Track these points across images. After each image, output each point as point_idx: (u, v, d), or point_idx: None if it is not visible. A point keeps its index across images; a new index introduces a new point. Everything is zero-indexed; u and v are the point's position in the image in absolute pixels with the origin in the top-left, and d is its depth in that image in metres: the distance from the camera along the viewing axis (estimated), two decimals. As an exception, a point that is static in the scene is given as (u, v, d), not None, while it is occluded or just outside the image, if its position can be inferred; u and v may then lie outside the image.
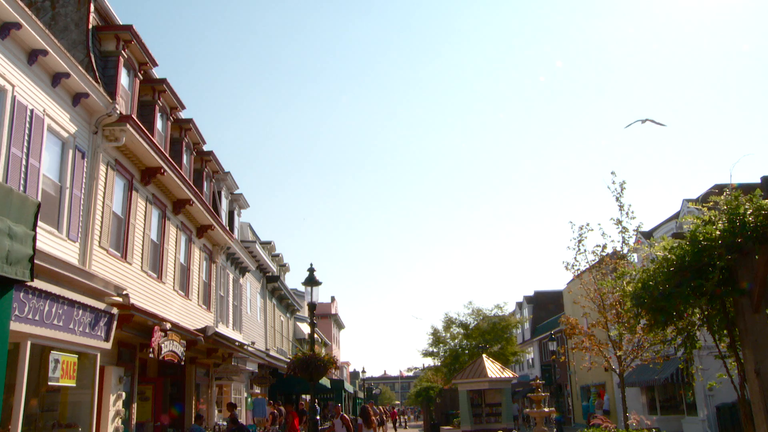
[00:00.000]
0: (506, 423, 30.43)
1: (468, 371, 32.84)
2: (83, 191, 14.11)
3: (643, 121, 13.72)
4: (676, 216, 31.42)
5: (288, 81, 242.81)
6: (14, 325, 9.98)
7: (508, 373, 32.71)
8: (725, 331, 7.94)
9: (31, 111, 12.08)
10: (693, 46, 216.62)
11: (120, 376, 15.23)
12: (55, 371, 11.90)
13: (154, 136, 17.52)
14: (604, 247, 16.50)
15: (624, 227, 16.19)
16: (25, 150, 11.77)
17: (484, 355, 33.66)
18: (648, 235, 27.75)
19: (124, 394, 15.47)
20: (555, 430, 27.73)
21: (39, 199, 11.68)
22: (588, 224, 16.92)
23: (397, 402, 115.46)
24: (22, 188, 11.52)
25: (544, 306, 56.81)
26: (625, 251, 16.38)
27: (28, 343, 10.93)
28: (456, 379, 33.58)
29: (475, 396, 32.31)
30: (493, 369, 32.09)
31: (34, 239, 4.25)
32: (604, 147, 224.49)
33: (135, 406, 16.68)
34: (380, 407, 57.01)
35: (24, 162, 11.71)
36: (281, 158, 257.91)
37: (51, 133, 12.92)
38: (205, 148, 23.78)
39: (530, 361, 57.63)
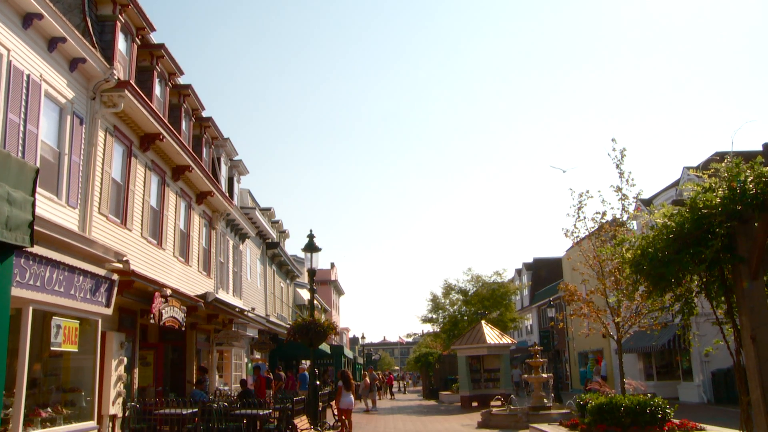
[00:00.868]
0: (505, 388, 30.84)
1: (467, 337, 33.17)
2: (82, 157, 14.06)
3: (564, 171, 13.77)
4: (676, 183, 31.40)
5: (285, 45, 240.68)
6: (16, 291, 10.03)
7: (506, 339, 33.04)
8: (723, 298, 7.98)
9: (28, 76, 11.97)
10: (695, 12, 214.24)
11: (121, 342, 15.35)
12: (57, 336, 12.00)
13: (153, 102, 17.40)
14: (604, 214, 16.50)
15: (624, 194, 16.19)
16: (22, 116, 11.70)
17: (483, 322, 33.94)
18: (648, 202, 27.76)
19: (125, 359, 15.61)
20: (552, 395, 28.03)
21: (37, 165, 11.64)
22: (588, 191, 16.92)
23: (397, 368, 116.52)
24: (20, 154, 11.48)
25: (543, 273, 57.07)
26: (624, 218, 16.39)
27: (30, 308, 11.00)
28: (455, 345, 33.93)
29: (474, 362, 32.69)
30: (491, 335, 32.40)
31: (34, 205, 4.24)
32: (605, 114, 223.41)
33: (137, 371, 16.84)
34: (379, 373, 57.59)
35: (22, 128, 11.65)
36: (280, 124, 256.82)
37: (48, 98, 12.83)
38: (204, 114, 23.65)
39: (529, 327, 58.10)
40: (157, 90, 18.66)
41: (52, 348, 12.04)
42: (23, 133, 11.69)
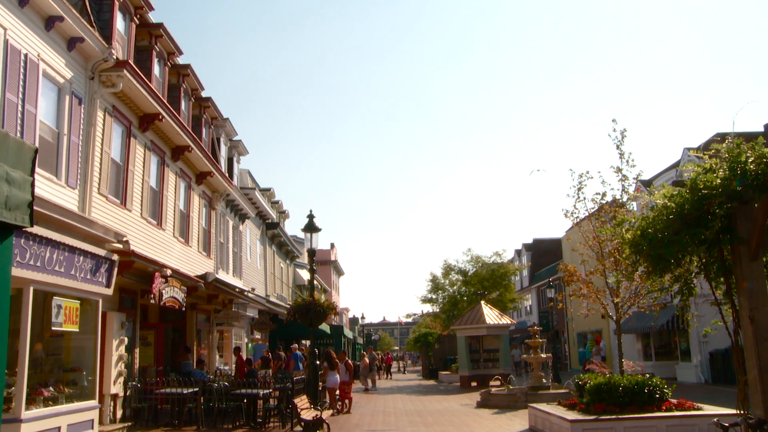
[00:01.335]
0: (504, 368, 31.01)
1: (466, 317, 33.28)
2: (81, 138, 14.02)
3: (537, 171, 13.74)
4: (676, 165, 31.33)
5: (285, 25, 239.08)
6: (16, 271, 10.05)
7: (506, 320, 33.16)
8: (722, 279, 7.99)
9: (25, 55, 11.90)
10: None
11: (122, 322, 15.42)
12: (58, 316, 12.04)
13: (152, 81, 17.31)
14: (604, 195, 16.47)
15: (624, 175, 16.14)
16: (20, 95, 11.64)
17: (482, 302, 34.04)
18: (648, 183, 27.72)
19: (126, 339, 15.69)
20: (551, 375, 28.19)
21: (36, 145, 11.60)
22: (588, 172, 16.87)
23: (396, 348, 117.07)
24: (18, 134, 11.44)
25: (543, 254, 57.15)
26: (624, 199, 16.37)
27: (31, 288, 11.03)
28: (455, 325, 34.06)
29: (474, 342, 32.83)
30: (491, 315, 32.52)
31: (33, 185, 4.22)
32: (606, 95, 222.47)
33: (137, 351, 16.92)
34: (379, 353, 57.88)
35: (20, 108, 11.60)
36: (280, 104, 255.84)
37: (46, 78, 12.76)
38: (204, 94, 23.54)
39: (528, 307, 58.29)
40: (156, 70, 18.55)
41: (53, 328, 12.09)
42: (21, 113, 11.64)
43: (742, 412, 7.60)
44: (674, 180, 20.69)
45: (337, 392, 20.25)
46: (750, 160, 6.77)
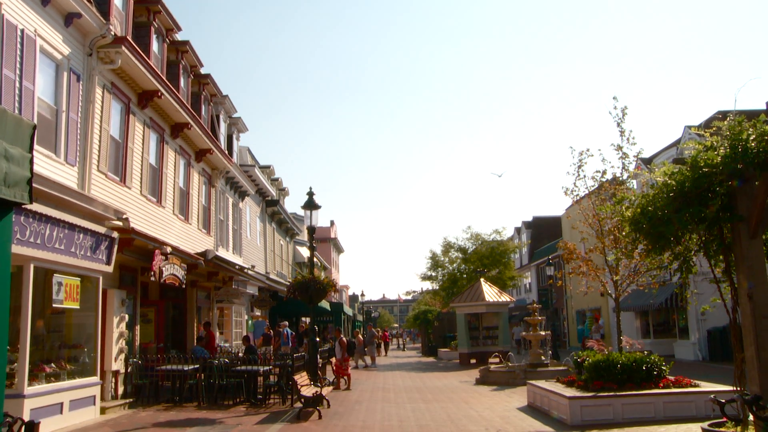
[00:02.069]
0: (503, 346, 31.16)
1: (466, 295, 33.36)
2: (80, 115, 13.96)
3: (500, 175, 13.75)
4: (677, 143, 31.21)
5: (284, 0, 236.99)
6: (16, 248, 10.06)
7: (505, 297, 33.25)
8: (721, 257, 8.00)
9: (22, 31, 11.80)
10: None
11: (122, 299, 15.47)
12: (59, 294, 12.09)
13: (150, 58, 17.19)
14: (604, 172, 16.43)
15: (624, 153, 16.09)
16: (17, 72, 11.56)
17: (482, 280, 34.10)
18: (648, 161, 27.65)
19: (126, 316, 15.75)
20: (550, 352, 28.35)
21: (35, 122, 11.56)
22: (588, 150, 16.82)
23: (396, 325, 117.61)
24: (16, 111, 11.38)
25: (543, 231, 57.18)
26: (624, 177, 16.33)
27: (31, 266, 11.06)
28: (454, 303, 34.15)
29: (473, 319, 32.94)
30: (490, 293, 32.59)
31: (31, 161, 4.22)
32: (607, 72, 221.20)
33: (138, 328, 17.00)
34: (378, 330, 58.18)
35: (17, 84, 11.53)
36: (280, 81, 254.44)
37: (44, 54, 12.66)
38: (203, 71, 23.40)
39: (527, 285, 58.44)
40: (155, 46, 18.43)
41: (54, 305, 12.15)
42: (19, 89, 11.57)
43: (738, 388, 7.66)
44: (675, 158, 20.64)
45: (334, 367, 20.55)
46: (751, 138, 6.74)
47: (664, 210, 7.45)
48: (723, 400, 6.65)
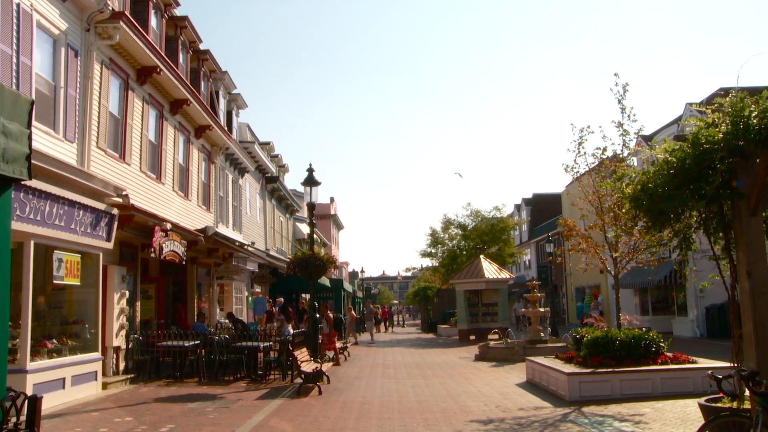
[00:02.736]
0: (502, 322, 31.31)
1: (466, 272, 33.46)
2: (78, 91, 13.88)
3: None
4: (678, 120, 31.06)
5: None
6: (16, 225, 10.07)
7: (504, 274, 33.34)
8: (721, 234, 8.00)
9: (18, 5, 11.67)
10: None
11: (123, 275, 15.51)
12: (59, 270, 12.12)
13: (149, 34, 17.06)
14: (605, 149, 16.35)
15: (625, 130, 15.99)
16: (14, 47, 11.46)
17: (481, 256, 34.18)
18: (649, 139, 27.53)
19: (127, 292, 15.81)
20: (549, 329, 28.49)
21: (33, 98, 11.50)
22: (589, 127, 16.72)
23: (396, 301, 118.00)
24: (14, 87, 11.31)
25: (543, 208, 57.17)
26: (625, 154, 16.26)
27: (32, 242, 11.08)
28: (454, 279, 34.25)
29: (472, 296, 33.07)
30: (490, 270, 32.68)
31: (30, 137, 4.20)
32: (609, 49, 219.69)
33: (138, 304, 17.07)
34: (377, 306, 58.44)
35: (14, 60, 11.44)
36: (279, 57, 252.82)
37: (41, 29, 12.56)
38: (202, 46, 23.25)
39: (527, 262, 58.57)
40: (153, 21, 18.28)
41: (54, 281, 12.19)
42: (16, 65, 11.48)
43: (735, 364, 7.71)
44: (676, 135, 20.59)
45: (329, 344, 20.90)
46: (753, 115, 6.70)
47: (665, 187, 7.42)
48: (720, 376, 6.68)
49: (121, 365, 15.28)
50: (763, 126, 6.55)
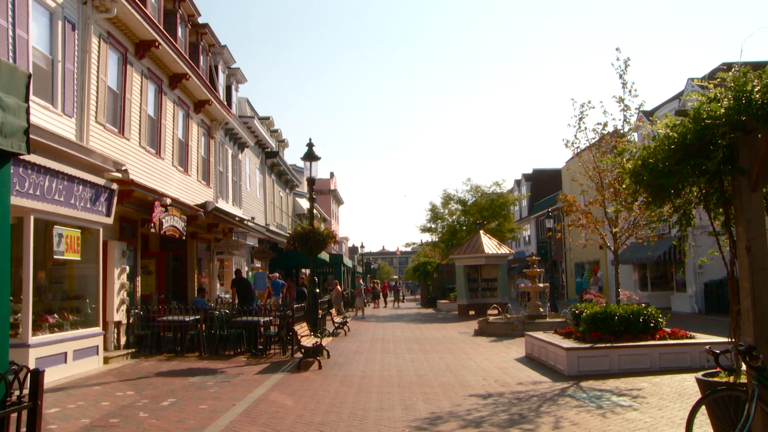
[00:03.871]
0: (501, 297, 31.46)
1: (465, 247, 33.53)
2: (76, 65, 13.77)
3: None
4: (679, 95, 30.91)
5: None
6: (16, 200, 10.06)
7: (504, 250, 33.42)
8: (721, 210, 7.98)
9: (16, -22, 11.54)
10: None
11: (123, 251, 15.54)
12: (60, 245, 12.13)
13: (147, 7, 16.90)
14: (605, 125, 16.29)
15: (626, 105, 15.92)
16: (10, 20, 11.34)
17: (481, 232, 34.23)
18: (650, 114, 27.45)
19: (127, 267, 15.84)
20: (548, 304, 28.62)
21: (30, 71, 11.42)
22: (590, 102, 16.65)
23: (395, 276, 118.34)
24: (11, 60, 11.21)
25: (543, 184, 57.07)
26: (626, 130, 16.20)
27: (32, 217, 11.07)
28: (453, 255, 34.34)
29: (472, 271, 33.19)
30: (489, 245, 32.76)
31: (28, 111, 4.17)
32: (610, 24, 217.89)
33: (139, 279, 17.12)
34: (377, 281, 58.65)
35: (11, 33, 11.32)
36: (279, 31, 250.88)
37: (37, 2, 12.41)
38: (201, 20, 23.05)
39: (527, 238, 58.62)
40: (151, -6, 18.09)
41: (55, 257, 12.21)
42: (13, 38, 11.37)
43: (733, 340, 7.74)
44: (677, 110, 20.46)
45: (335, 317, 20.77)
46: (756, 90, 6.64)
47: (665, 162, 7.38)
48: (717, 351, 6.71)
49: (122, 340, 15.36)
50: (765, 101, 6.49)
